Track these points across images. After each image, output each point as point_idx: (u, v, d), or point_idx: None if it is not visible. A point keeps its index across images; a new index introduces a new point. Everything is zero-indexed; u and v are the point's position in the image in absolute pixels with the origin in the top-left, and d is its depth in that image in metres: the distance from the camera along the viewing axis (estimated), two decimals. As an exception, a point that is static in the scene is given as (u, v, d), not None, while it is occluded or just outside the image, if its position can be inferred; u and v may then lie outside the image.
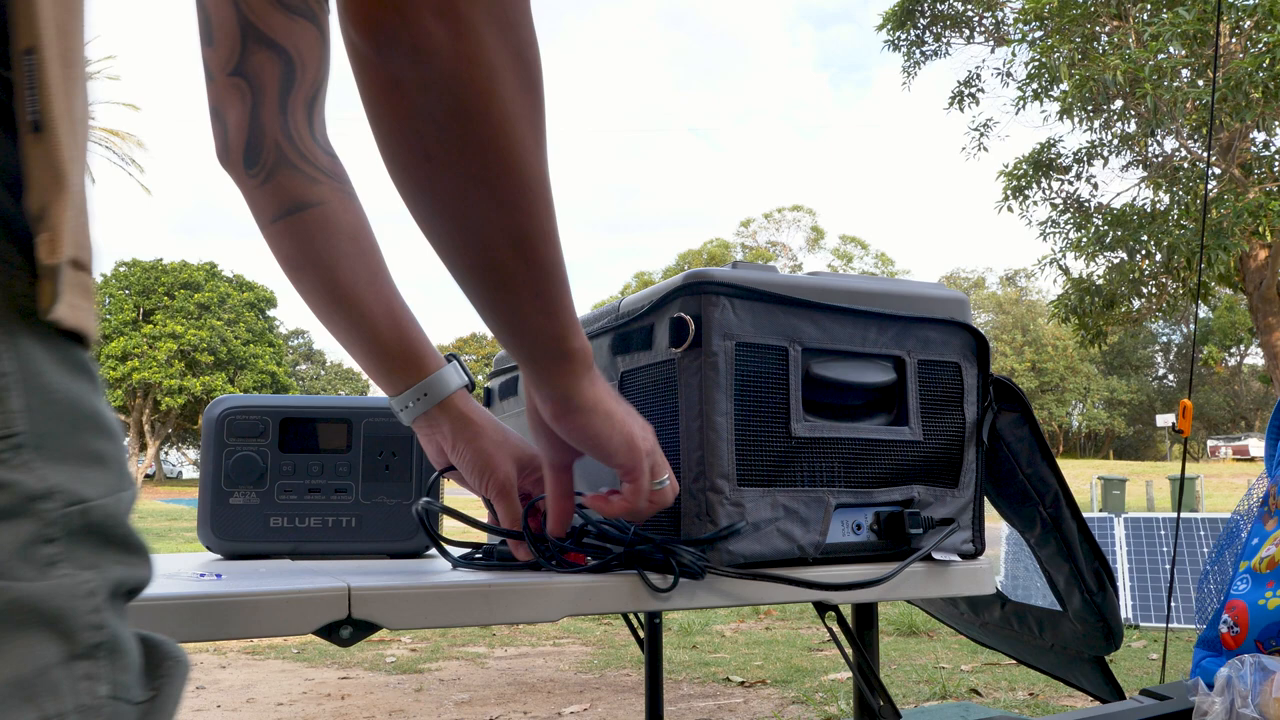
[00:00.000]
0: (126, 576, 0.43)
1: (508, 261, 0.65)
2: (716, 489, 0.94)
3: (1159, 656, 3.90)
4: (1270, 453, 1.62)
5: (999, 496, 1.30)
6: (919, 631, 5.29)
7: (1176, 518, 3.11)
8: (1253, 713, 1.17)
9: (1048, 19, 12.59)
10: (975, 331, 1.10)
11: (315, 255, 0.89)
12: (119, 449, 0.44)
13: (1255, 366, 50.81)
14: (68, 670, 0.38)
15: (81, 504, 0.40)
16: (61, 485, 0.39)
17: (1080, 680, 1.43)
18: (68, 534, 0.39)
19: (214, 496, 1.19)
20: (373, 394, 1.45)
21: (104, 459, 0.42)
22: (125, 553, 0.43)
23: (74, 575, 0.39)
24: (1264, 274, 12.82)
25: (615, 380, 1.09)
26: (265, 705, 3.71)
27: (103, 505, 0.41)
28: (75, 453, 0.40)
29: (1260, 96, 10.59)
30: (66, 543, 0.39)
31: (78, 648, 0.38)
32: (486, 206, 0.62)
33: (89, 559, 0.40)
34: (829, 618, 1.01)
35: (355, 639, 0.78)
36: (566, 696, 3.83)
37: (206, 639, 0.74)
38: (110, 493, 0.42)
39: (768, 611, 6.14)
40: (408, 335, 0.91)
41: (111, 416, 0.43)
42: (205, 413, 1.23)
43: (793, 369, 0.98)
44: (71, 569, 0.39)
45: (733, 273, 0.97)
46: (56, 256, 0.40)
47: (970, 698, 3.66)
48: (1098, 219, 13.42)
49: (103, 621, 0.40)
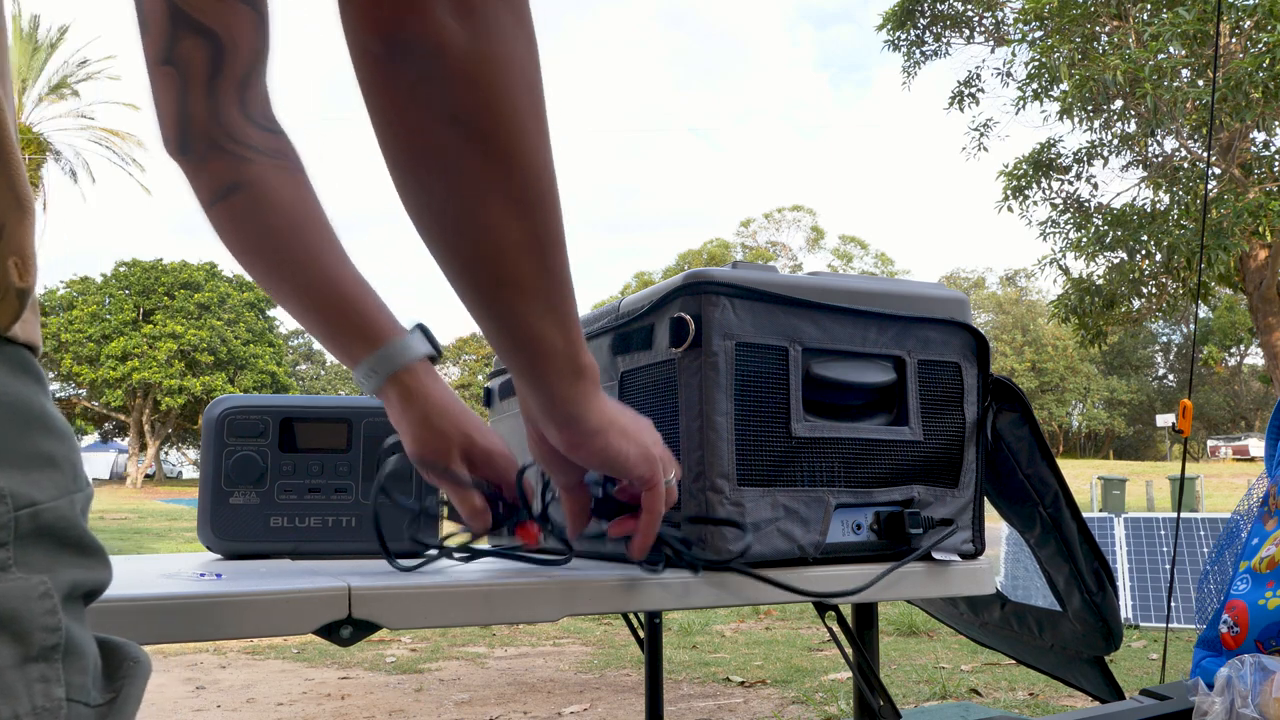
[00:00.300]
0: (83, 579, 0.42)
1: (522, 268, 0.63)
2: (716, 489, 0.94)
3: (1159, 656, 3.90)
4: (1270, 453, 1.62)
5: (999, 496, 1.30)
6: (919, 631, 5.29)
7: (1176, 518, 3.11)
8: (1253, 713, 1.17)
9: (1048, 19, 12.59)
10: (975, 331, 1.10)
11: (251, 235, 0.87)
12: (70, 450, 0.43)
13: (1255, 366, 50.82)
14: (22, 673, 0.38)
15: (31, 507, 0.40)
16: (10, 489, 0.39)
17: (1080, 680, 1.43)
18: (18, 538, 0.39)
19: (214, 496, 1.19)
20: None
21: (54, 460, 0.42)
22: (80, 555, 0.43)
23: (26, 579, 0.39)
24: (1264, 274, 12.82)
25: (615, 380, 1.09)
26: (265, 705, 3.71)
27: (54, 508, 0.41)
28: (23, 455, 0.40)
29: (1260, 96, 10.59)
30: (17, 546, 0.39)
31: (32, 650, 0.38)
32: (501, 209, 0.60)
33: (42, 562, 0.40)
34: (829, 618, 1.01)
35: (355, 639, 0.78)
36: (566, 696, 3.83)
37: (206, 639, 0.74)
38: (62, 494, 0.42)
39: (768, 611, 6.14)
40: (357, 306, 0.87)
41: (61, 418, 0.43)
42: (205, 413, 1.23)
43: (793, 369, 0.98)
44: (23, 573, 0.39)
45: (733, 273, 0.97)
46: (28, 280, 0.41)
47: (970, 698, 3.66)
48: (1098, 219, 13.42)
49: (58, 624, 0.40)
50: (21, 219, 0.41)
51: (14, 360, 0.41)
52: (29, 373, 0.42)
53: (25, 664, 0.38)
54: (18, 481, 0.39)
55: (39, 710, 0.38)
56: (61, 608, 0.40)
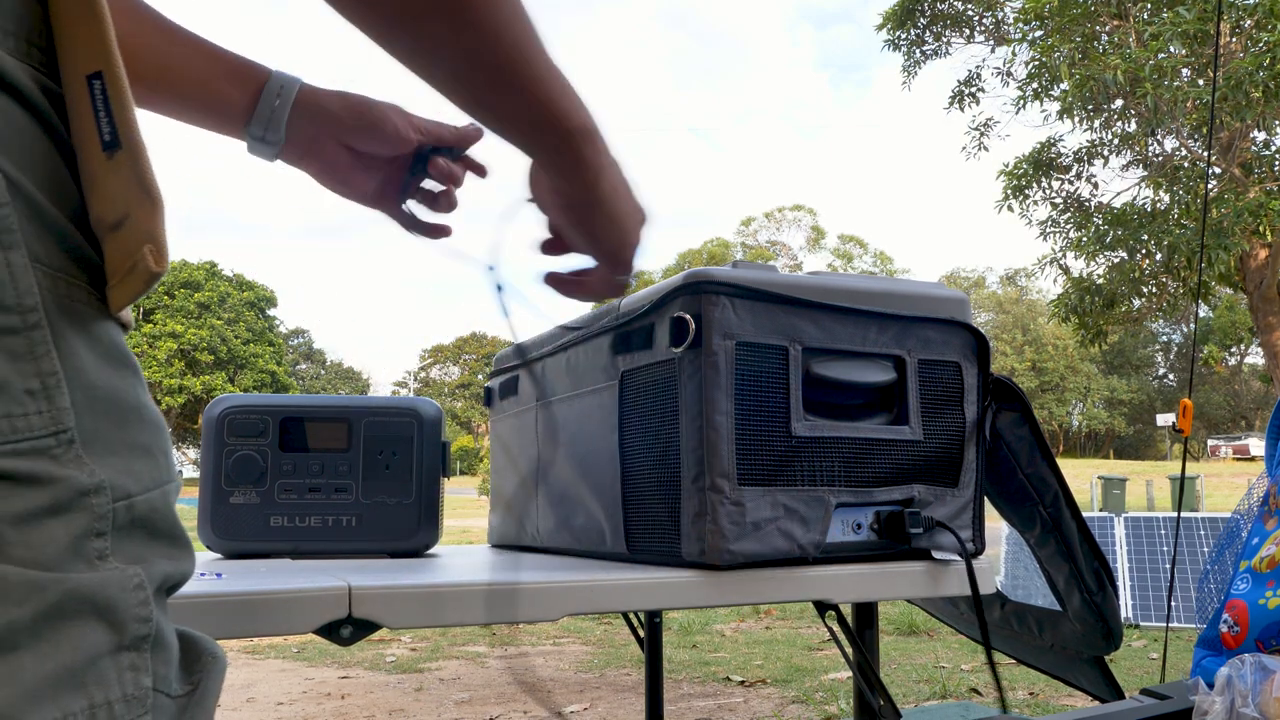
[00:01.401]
0: (172, 571, 0.44)
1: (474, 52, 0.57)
2: (717, 488, 0.94)
3: (1159, 656, 3.90)
4: (1270, 452, 1.62)
5: (999, 496, 1.30)
6: (919, 631, 5.29)
7: (1177, 517, 3.11)
8: (1253, 712, 1.17)
9: (1048, 18, 12.58)
10: (975, 331, 1.10)
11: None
12: (164, 440, 0.45)
13: (1255, 366, 50.82)
14: (115, 661, 0.39)
15: (128, 498, 0.41)
16: (110, 480, 0.40)
17: (1080, 680, 1.42)
18: (115, 528, 0.40)
19: (214, 496, 1.19)
20: (372, 394, 1.44)
21: (150, 451, 0.43)
22: (170, 546, 0.44)
23: (123, 569, 0.40)
24: (1264, 273, 12.81)
25: (616, 380, 1.09)
26: (265, 705, 3.71)
27: (148, 499, 0.42)
28: (121, 446, 0.41)
29: (1260, 96, 10.59)
30: (115, 537, 0.40)
31: (126, 639, 0.39)
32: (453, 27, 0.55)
33: (136, 552, 0.41)
34: (829, 617, 1.01)
35: (355, 638, 0.78)
36: (566, 696, 3.83)
37: (207, 638, 0.74)
38: (155, 485, 0.43)
39: (768, 611, 6.14)
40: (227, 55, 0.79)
41: (154, 408, 0.45)
42: (205, 412, 1.23)
43: (793, 368, 0.98)
44: (120, 562, 0.40)
45: (733, 272, 0.97)
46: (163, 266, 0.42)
47: (970, 698, 3.66)
48: (1098, 218, 13.42)
49: (149, 614, 0.41)
50: (152, 210, 0.42)
51: (112, 351, 0.42)
52: (126, 364, 0.43)
53: (119, 652, 0.39)
54: (116, 473, 0.40)
55: (129, 699, 0.39)
56: (152, 599, 0.41)
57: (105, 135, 0.41)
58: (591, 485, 1.14)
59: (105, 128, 0.41)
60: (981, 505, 1.12)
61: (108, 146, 0.41)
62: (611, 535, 1.10)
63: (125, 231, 0.42)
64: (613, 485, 1.09)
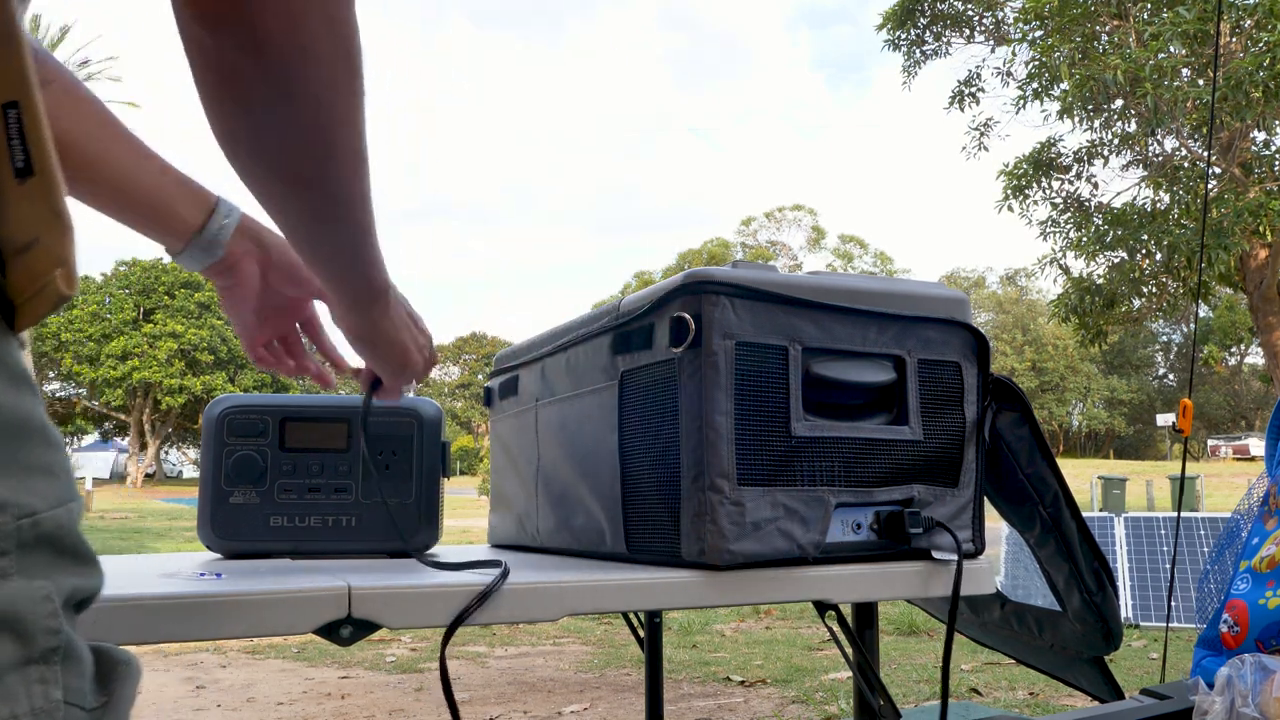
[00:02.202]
0: (80, 585, 0.44)
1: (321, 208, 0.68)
2: (716, 488, 0.94)
3: (1159, 656, 3.90)
4: (1270, 452, 1.62)
5: (999, 496, 1.30)
6: (919, 631, 5.29)
7: (1177, 517, 3.11)
8: (1253, 712, 1.17)
9: (1048, 18, 12.58)
10: (975, 331, 1.10)
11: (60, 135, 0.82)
12: (65, 459, 0.45)
13: (1255, 366, 50.81)
14: (22, 674, 0.38)
15: (31, 516, 0.41)
16: (11, 499, 0.40)
17: (1079, 680, 1.42)
18: (19, 546, 0.40)
19: (214, 496, 1.19)
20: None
21: (52, 470, 0.43)
22: (77, 563, 0.44)
23: (29, 583, 0.40)
24: (1264, 273, 12.81)
25: (615, 379, 1.09)
26: (265, 705, 3.71)
27: (53, 516, 0.42)
28: (23, 465, 0.41)
29: (1260, 96, 10.59)
30: (19, 555, 0.40)
31: (34, 652, 0.39)
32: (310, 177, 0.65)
33: (42, 569, 0.41)
34: (829, 617, 1.01)
35: (355, 638, 0.78)
36: (566, 696, 3.83)
37: (207, 639, 0.74)
38: (59, 503, 0.43)
39: (768, 611, 6.14)
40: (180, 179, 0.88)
41: (55, 429, 0.45)
42: (205, 412, 1.23)
43: (793, 368, 0.98)
44: (25, 579, 0.40)
45: (733, 272, 0.97)
46: (72, 289, 0.44)
47: (970, 698, 3.66)
48: (1098, 218, 13.42)
49: (59, 627, 0.40)
50: (63, 235, 0.44)
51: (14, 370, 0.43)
52: (25, 383, 0.43)
53: (26, 665, 0.39)
54: (18, 491, 0.40)
55: (37, 711, 0.39)
56: (61, 612, 0.41)
57: (18, 162, 0.43)
58: (591, 485, 1.14)
59: (18, 155, 0.43)
60: (981, 505, 1.12)
61: (20, 174, 0.43)
62: (611, 535, 1.10)
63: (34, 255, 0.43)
64: (612, 485, 1.09)
